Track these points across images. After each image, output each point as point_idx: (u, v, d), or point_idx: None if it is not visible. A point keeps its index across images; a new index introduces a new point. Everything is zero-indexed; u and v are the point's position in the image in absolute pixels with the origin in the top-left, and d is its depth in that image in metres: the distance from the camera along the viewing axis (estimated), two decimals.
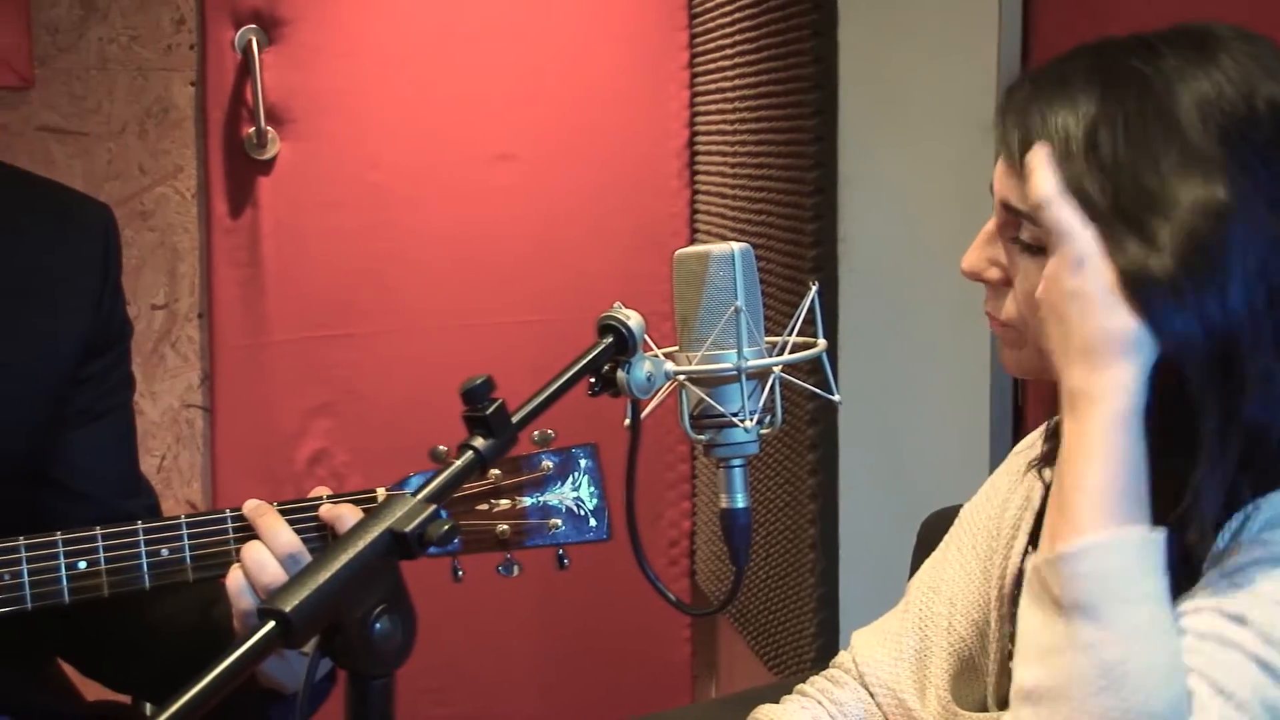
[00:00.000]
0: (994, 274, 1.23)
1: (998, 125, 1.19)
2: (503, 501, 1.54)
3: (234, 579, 1.46)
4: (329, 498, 1.53)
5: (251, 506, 1.49)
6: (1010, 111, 1.18)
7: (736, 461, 1.25)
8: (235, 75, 2.66)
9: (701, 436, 1.25)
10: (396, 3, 2.70)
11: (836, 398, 1.32)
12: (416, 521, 1.01)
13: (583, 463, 1.56)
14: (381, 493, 1.55)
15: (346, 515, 1.49)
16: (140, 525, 1.49)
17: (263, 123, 2.63)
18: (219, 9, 2.63)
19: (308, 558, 1.46)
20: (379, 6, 2.69)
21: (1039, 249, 1.15)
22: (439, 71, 2.73)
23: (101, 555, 1.48)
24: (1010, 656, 1.31)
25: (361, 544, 0.99)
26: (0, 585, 1.46)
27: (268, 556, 1.45)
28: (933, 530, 1.51)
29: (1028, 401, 2.18)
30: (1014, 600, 1.33)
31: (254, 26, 2.63)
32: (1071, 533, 1.06)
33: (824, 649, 2.21)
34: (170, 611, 1.60)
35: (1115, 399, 1.08)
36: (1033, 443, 1.40)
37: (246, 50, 2.62)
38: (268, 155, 2.67)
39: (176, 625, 1.60)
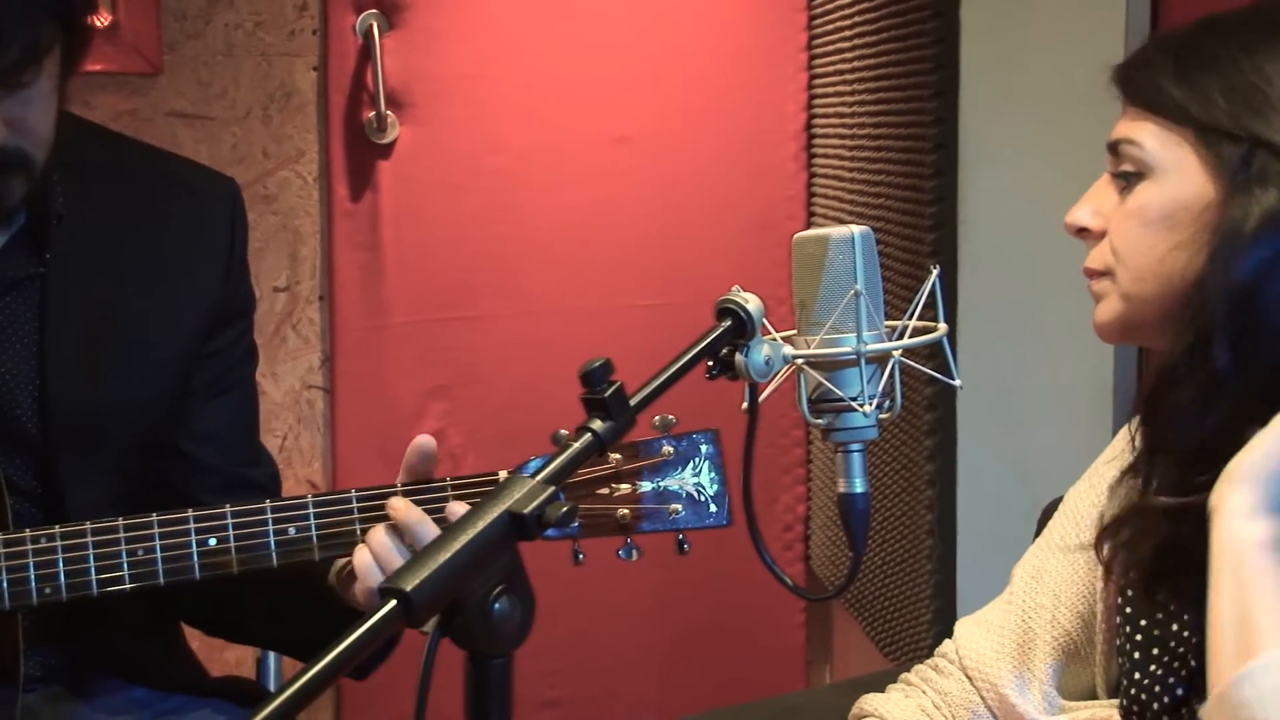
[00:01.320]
0: (1094, 221, 1.28)
1: (1120, 79, 1.22)
2: (623, 486, 1.54)
3: (361, 558, 1.48)
4: (452, 481, 1.55)
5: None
6: (1141, 65, 1.20)
7: (855, 446, 1.24)
8: (356, 60, 2.69)
9: (820, 421, 1.24)
10: None
11: (957, 382, 1.30)
12: (535, 503, 1.02)
13: (703, 448, 1.56)
14: (503, 476, 1.56)
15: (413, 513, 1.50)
16: (268, 504, 1.52)
17: (383, 107, 2.66)
18: None
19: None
20: None
21: (1138, 175, 1.21)
22: (557, 55, 2.74)
23: (231, 533, 1.51)
24: (1119, 648, 1.30)
25: (481, 525, 1.00)
26: (134, 560, 1.50)
27: (392, 545, 1.47)
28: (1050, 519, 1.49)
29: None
30: (1120, 593, 1.32)
31: (375, 11, 2.66)
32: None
33: (940, 636, 2.18)
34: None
35: None
36: (1119, 449, 1.39)
37: (368, 35, 2.65)
38: (388, 139, 2.70)
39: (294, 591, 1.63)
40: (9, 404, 1.58)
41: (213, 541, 1.51)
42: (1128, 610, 1.30)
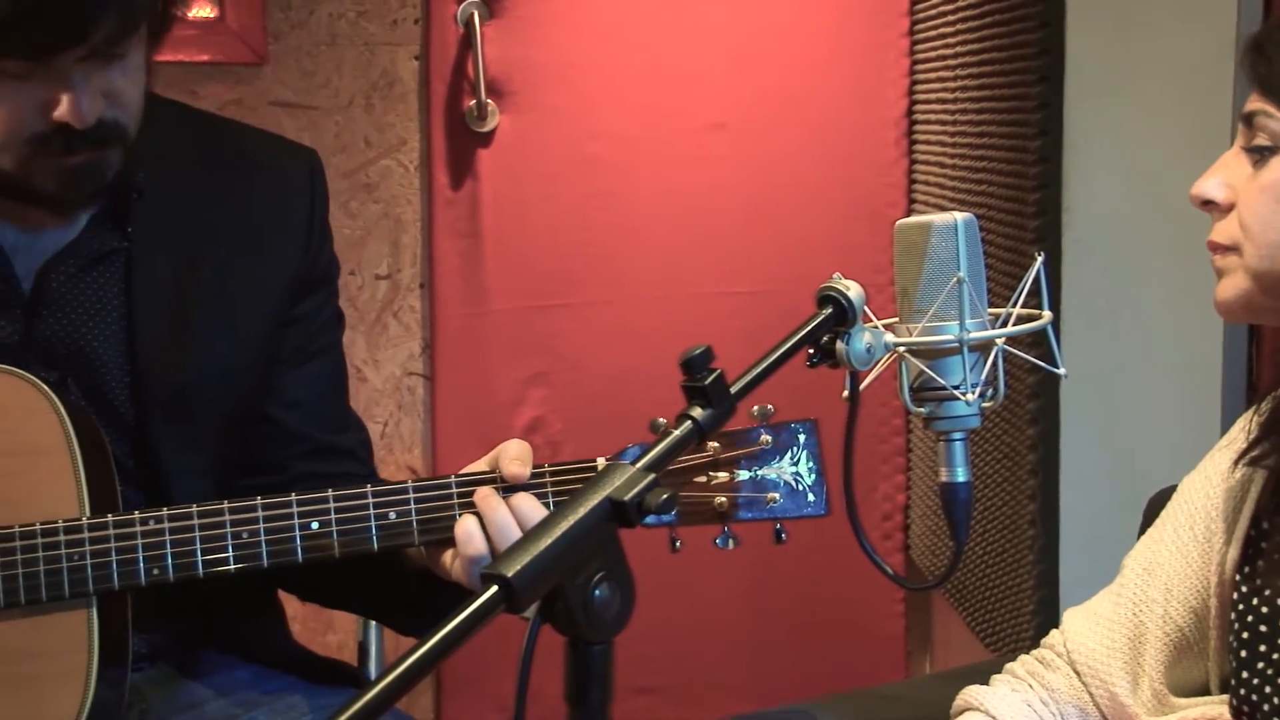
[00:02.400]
0: (1222, 194, 1.25)
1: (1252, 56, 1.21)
2: (721, 474, 1.54)
3: (464, 525, 1.50)
4: (551, 467, 1.56)
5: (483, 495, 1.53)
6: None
7: (957, 435, 1.23)
8: (457, 49, 2.71)
9: (922, 409, 1.23)
10: None
11: (1061, 371, 1.29)
12: (635, 490, 1.02)
13: (802, 438, 1.55)
14: (601, 463, 1.57)
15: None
16: (369, 489, 1.54)
17: (483, 95, 2.67)
18: None
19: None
20: None
21: (1272, 150, 1.19)
22: (655, 41, 2.74)
23: (333, 517, 1.53)
24: (1231, 643, 1.27)
25: (582, 511, 1.01)
26: (239, 542, 1.52)
27: (509, 519, 1.49)
28: (1158, 510, 1.46)
29: (1262, 377, 2.10)
30: (1234, 588, 1.29)
31: (476, 1, 2.67)
32: None
33: (1043, 627, 2.16)
34: None
35: None
36: (1234, 437, 1.36)
37: (469, 24, 2.67)
38: (488, 127, 2.71)
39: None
40: (102, 379, 1.61)
41: (315, 525, 1.53)
42: (1240, 607, 1.28)
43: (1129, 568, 1.42)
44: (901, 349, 1.21)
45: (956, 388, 1.21)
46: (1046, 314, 1.25)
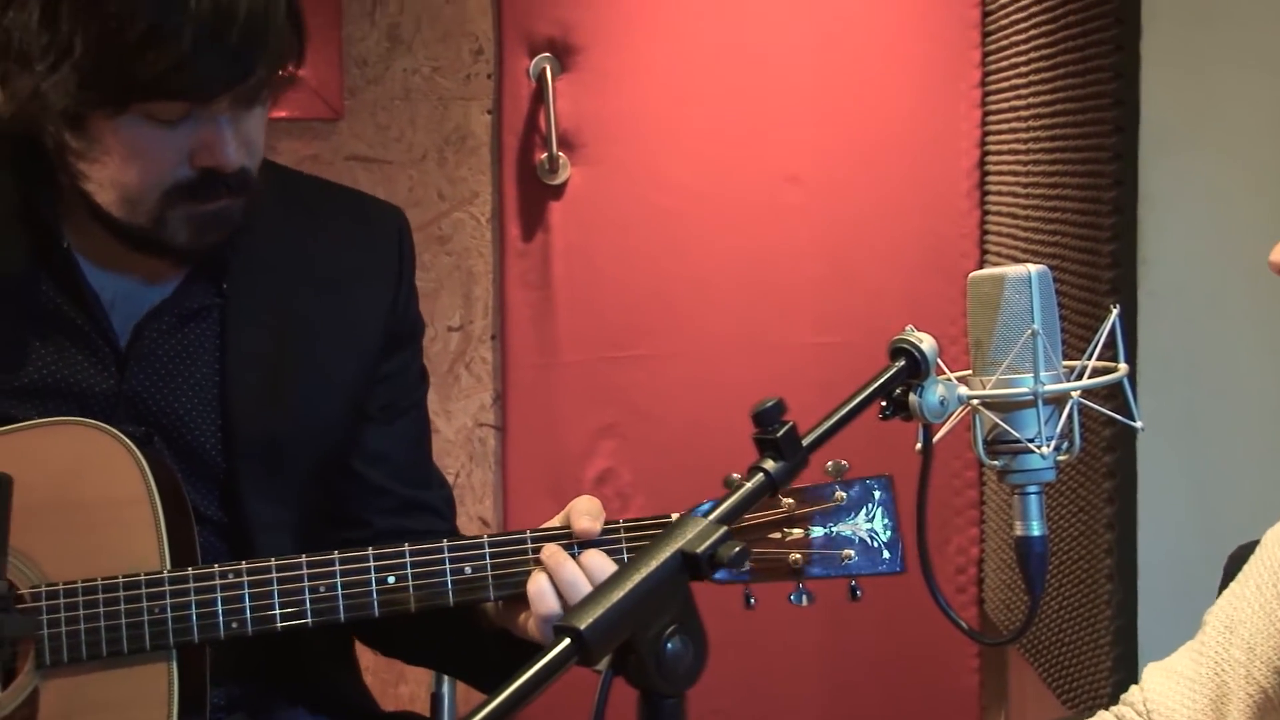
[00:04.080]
0: None
1: None
2: (795, 530, 1.53)
3: (536, 583, 1.50)
4: (626, 523, 1.56)
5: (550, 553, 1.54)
6: None
7: (1032, 488, 1.22)
8: (529, 103, 2.73)
9: (996, 462, 1.22)
10: (686, 28, 2.73)
11: (1138, 424, 1.27)
12: (708, 543, 1.02)
13: (877, 494, 1.54)
14: (675, 519, 1.56)
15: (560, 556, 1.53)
16: (445, 544, 1.55)
17: (555, 148, 2.70)
18: (516, 39, 2.71)
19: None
20: (669, 32, 2.73)
21: None
22: (727, 94, 2.75)
23: (409, 571, 1.54)
24: None
25: (654, 564, 1.01)
26: (316, 596, 1.53)
27: (580, 576, 1.49)
28: (1239, 565, 1.44)
29: None
30: None
31: (548, 55, 2.70)
32: None
33: (1120, 684, 2.13)
34: None
35: None
36: None
37: (541, 78, 2.70)
38: (559, 180, 2.74)
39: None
40: (193, 433, 1.63)
41: (391, 579, 1.54)
42: None
43: (1210, 625, 1.39)
44: (975, 402, 1.21)
45: (1031, 441, 1.20)
46: (1122, 366, 1.24)
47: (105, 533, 1.52)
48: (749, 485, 1.08)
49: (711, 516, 1.05)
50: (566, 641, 0.96)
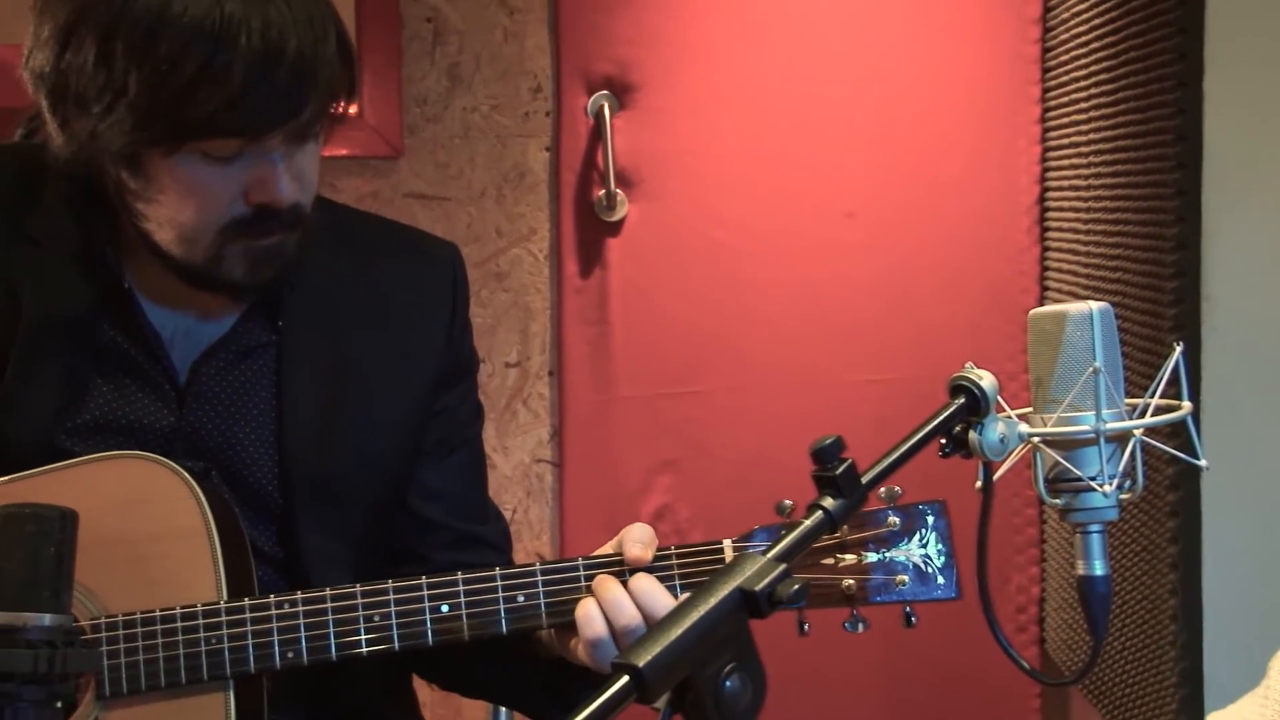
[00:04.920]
0: None
1: None
2: (848, 557, 1.53)
3: (584, 607, 1.50)
4: (678, 549, 1.56)
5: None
6: None
7: (1094, 527, 1.21)
8: (587, 140, 2.75)
9: (1057, 501, 1.21)
10: (744, 65, 2.74)
11: (1203, 463, 1.26)
12: (766, 580, 1.02)
13: (930, 519, 1.53)
14: (727, 544, 1.57)
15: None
16: (498, 572, 1.55)
17: (612, 185, 2.71)
18: (574, 77, 2.73)
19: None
20: (726, 69, 2.74)
21: None
22: (785, 130, 2.75)
23: (463, 599, 1.54)
24: None
25: (712, 601, 1.00)
26: (371, 625, 1.54)
27: (626, 599, 1.50)
28: None
29: None
30: None
31: (606, 93, 2.71)
32: None
33: None
34: None
35: None
36: None
37: (599, 115, 2.71)
38: (617, 217, 2.74)
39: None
40: (250, 468, 1.65)
41: (445, 608, 1.54)
42: None
43: (1275, 671, 1.37)
44: (1036, 439, 1.20)
45: (1093, 479, 1.19)
46: (1186, 404, 1.23)
47: (163, 565, 1.54)
48: (808, 523, 1.08)
49: (770, 554, 1.05)
50: (625, 679, 0.96)
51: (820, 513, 1.08)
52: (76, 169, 1.53)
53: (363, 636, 1.53)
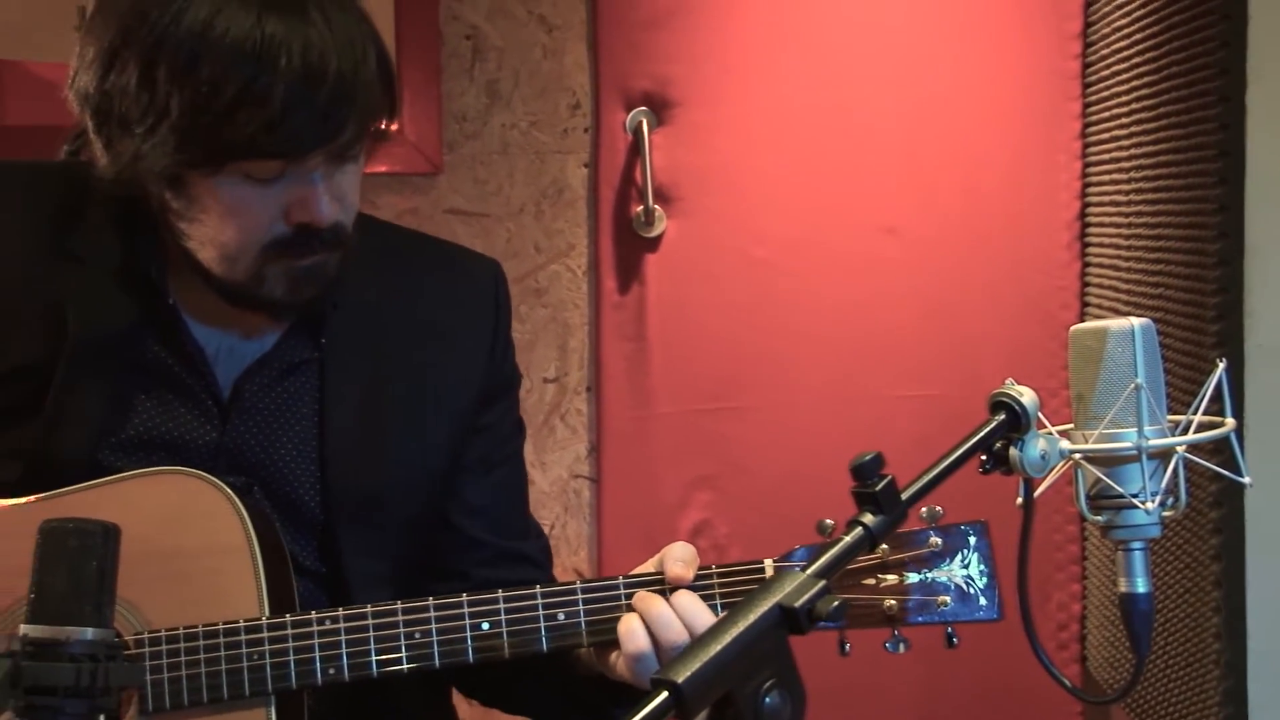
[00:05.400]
0: None
1: None
2: (890, 577, 1.52)
3: (626, 622, 1.50)
4: (719, 568, 1.56)
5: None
6: None
7: (1136, 544, 1.21)
8: (626, 156, 2.75)
9: (1099, 518, 1.21)
10: (782, 81, 2.74)
11: (1247, 480, 1.25)
12: (806, 597, 1.02)
13: (972, 540, 1.53)
14: (768, 564, 1.56)
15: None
16: (539, 590, 1.55)
17: (651, 201, 2.71)
18: (612, 93, 2.73)
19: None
20: (765, 85, 2.74)
21: None
22: (823, 146, 2.75)
23: (503, 617, 1.55)
24: None
25: (752, 617, 1.00)
26: (412, 642, 1.54)
27: (672, 615, 1.50)
28: None
29: None
30: None
31: (645, 109, 2.72)
32: None
33: None
34: None
35: None
36: None
37: (637, 132, 2.71)
38: (655, 233, 2.75)
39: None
40: (293, 484, 1.65)
41: (486, 625, 1.55)
42: None
43: None
44: (1077, 456, 1.19)
45: (1135, 496, 1.18)
46: (1229, 421, 1.22)
47: (206, 581, 1.55)
48: (848, 539, 1.08)
49: (810, 570, 1.04)
50: (664, 694, 0.96)
51: (860, 529, 1.08)
52: (121, 188, 1.55)
53: (404, 654, 1.54)
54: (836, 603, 1.02)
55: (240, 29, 1.42)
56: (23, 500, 1.56)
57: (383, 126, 1.56)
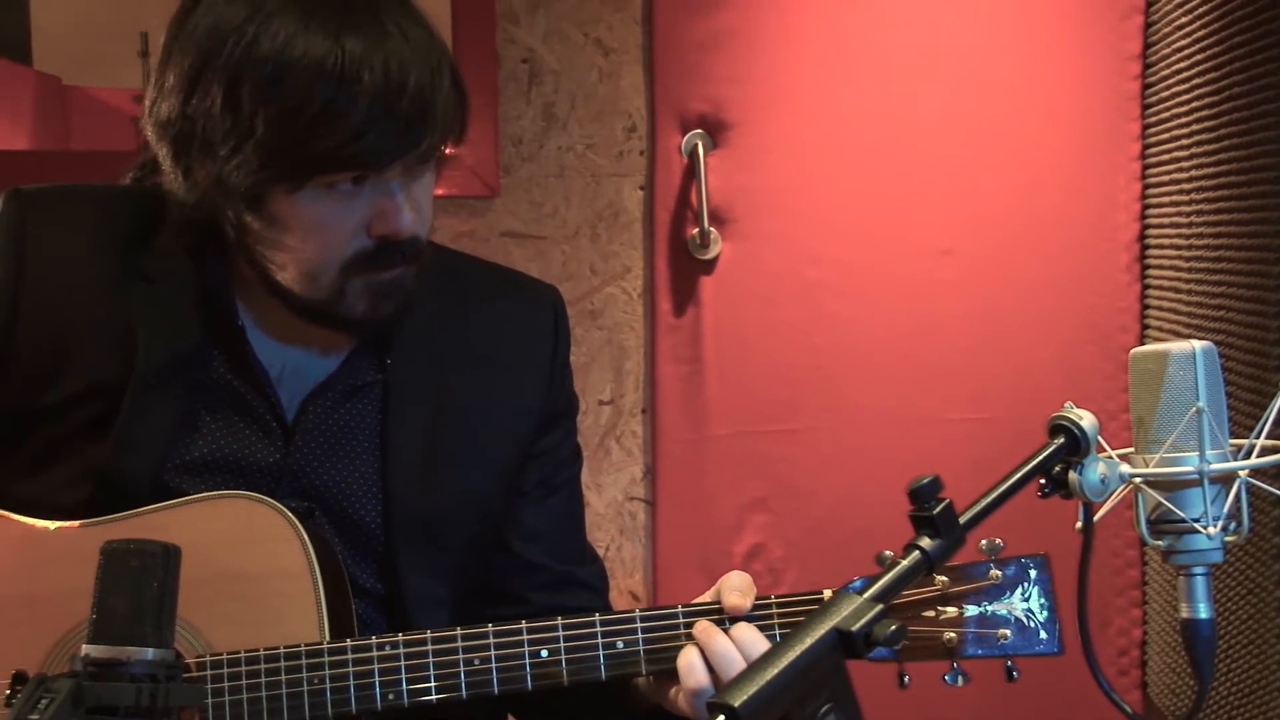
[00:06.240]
0: None
1: None
2: (950, 609, 1.51)
3: (686, 656, 1.50)
4: (778, 599, 1.55)
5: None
6: None
7: (1198, 570, 1.19)
8: (681, 178, 2.76)
9: (1160, 542, 1.20)
10: (837, 103, 2.73)
11: None
12: (863, 620, 1.01)
13: (1033, 573, 1.52)
14: (828, 594, 1.56)
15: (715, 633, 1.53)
16: (597, 618, 1.55)
17: (706, 223, 2.71)
18: (668, 116, 2.74)
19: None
20: (819, 107, 2.74)
21: None
22: (879, 168, 2.74)
23: (562, 645, 1.55)
24: None
25: (809, 641, 1.00)
26: (470, 669, 1.54)
27: (732, 649, 1.49)
28: None
29: None
30: None
31: (700, 131, 2.73)
32: None
33: None
34: None
35: None
36: None
37: (693, 154, 2.72)
38: (710, 255, 2.75)
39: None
40: (354, 506, 1.66)
41: (544, 653, 1.55)
42: None
43: None
44: (1138, 480, 1.18)
45: (1197, 521, 1.17)
46: None
47: (266, 604, 1.56)
48: (905, 563, 1.07)
49: (867, 594, 1.04)
50: (721, 719, 0.96)
51: (917, 553, 1.08)
52: (198, 214, 1.56)
53: (463, 680, 1.54)
54: (894, 626, 1.01)
55: (320, 48, 1.45)
56: (88, 523, 1.57)
57: (455, 139, 1.58)
